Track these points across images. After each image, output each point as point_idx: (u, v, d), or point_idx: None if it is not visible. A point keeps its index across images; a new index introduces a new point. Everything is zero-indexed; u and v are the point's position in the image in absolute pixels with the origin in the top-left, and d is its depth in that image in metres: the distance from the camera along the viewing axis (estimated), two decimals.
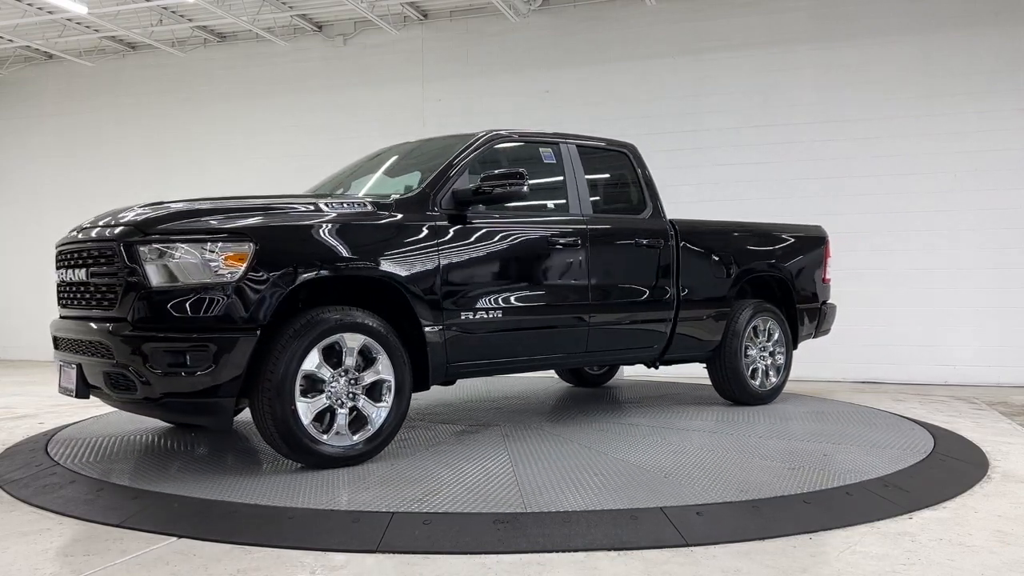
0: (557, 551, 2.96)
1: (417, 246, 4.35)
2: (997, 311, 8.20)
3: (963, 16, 8.36)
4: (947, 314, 8.33)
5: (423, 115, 9.94)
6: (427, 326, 4.35)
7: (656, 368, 6.13)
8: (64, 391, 4.22)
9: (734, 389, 6.09)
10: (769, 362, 6.29)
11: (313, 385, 3.95)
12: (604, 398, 6.61)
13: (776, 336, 6.32)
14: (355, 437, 4.08)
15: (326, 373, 3.97)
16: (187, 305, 3.72)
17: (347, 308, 4.08)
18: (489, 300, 4.64)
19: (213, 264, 3.76)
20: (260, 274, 3.80)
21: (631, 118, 9.22)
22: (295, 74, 10.60)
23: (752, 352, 6.14)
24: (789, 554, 2.95)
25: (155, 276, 3.76)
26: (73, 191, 11.49)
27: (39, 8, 9.41)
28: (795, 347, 6.54)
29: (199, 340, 3.70)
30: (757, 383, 6.19)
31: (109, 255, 3.89)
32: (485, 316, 4.62)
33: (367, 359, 4.11)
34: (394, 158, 5.55)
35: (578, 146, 5.47)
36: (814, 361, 8.62)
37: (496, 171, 4.60)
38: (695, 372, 6.68)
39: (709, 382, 6.31)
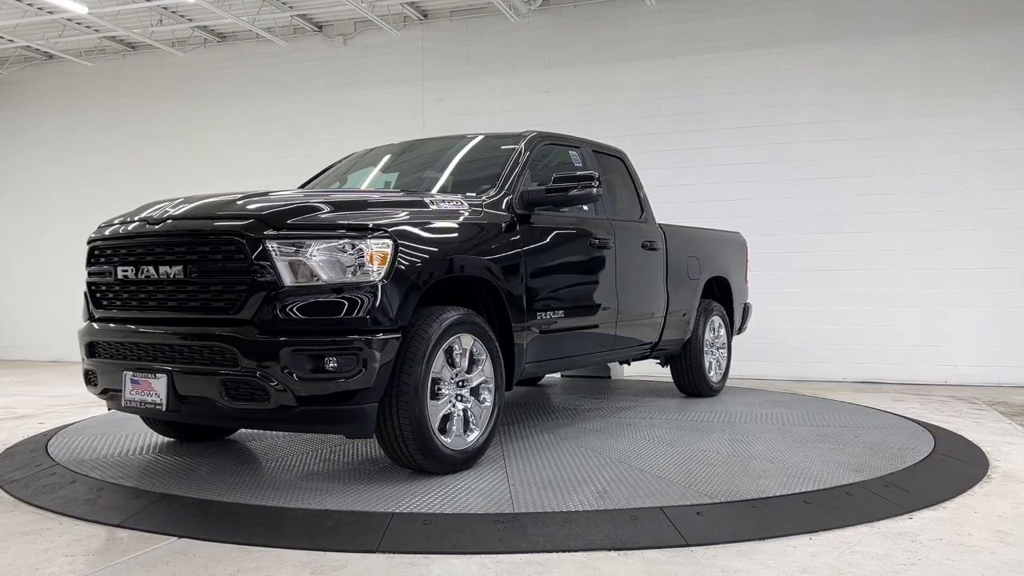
0: (557, 551, 2.96)
1: (507, 247, 4.34)
2: (997, 311, 8.20)
3: (963, 16, 8.36)
4: (947, 314, 8.32)
5: (423, 115, 9.94)
6: (516, 327, 4.34)
7: (629, 364, 6.82)
8: (139, 405, 3.73)
9: (696, 383, 6.48)
10: (716, 357, 6.73)
11: (433, 388, 3.79)
12: (571, 394, 6.62)
13: (722, 333, 6.80)
14: (469, 439, 3.97)
15: (446, 375, 3.87)
16: (328, 306, 3.46)
17: (462, 309, 3.96)
18: (556, 300, 4.72)
19: (356, 262, 3.52)
20: (402, 274, 3.62)
21: (632, 118, 9.22)
22: (295, 74, 10.60)
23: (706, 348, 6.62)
24: (789, 554, 2.95)
25: (288, 274, 3.47)
26: (73, 191, 11.50)
27: (39, 8, 9.41)
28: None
29: (349, 343, 3.44)
30: (712, 376, 6.61)
31: (228, 250, 3.53)
32: (553, 315, 4.70)
33: (470, 361, 4.03)
34: (387, 157, 5.56)
35: (593, 150, 5.63)
36: (814, 361, 8.65)
37: (567, 173, 4.64)
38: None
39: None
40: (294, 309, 3.45)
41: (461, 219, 4.14)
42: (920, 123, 8.42)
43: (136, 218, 3.92)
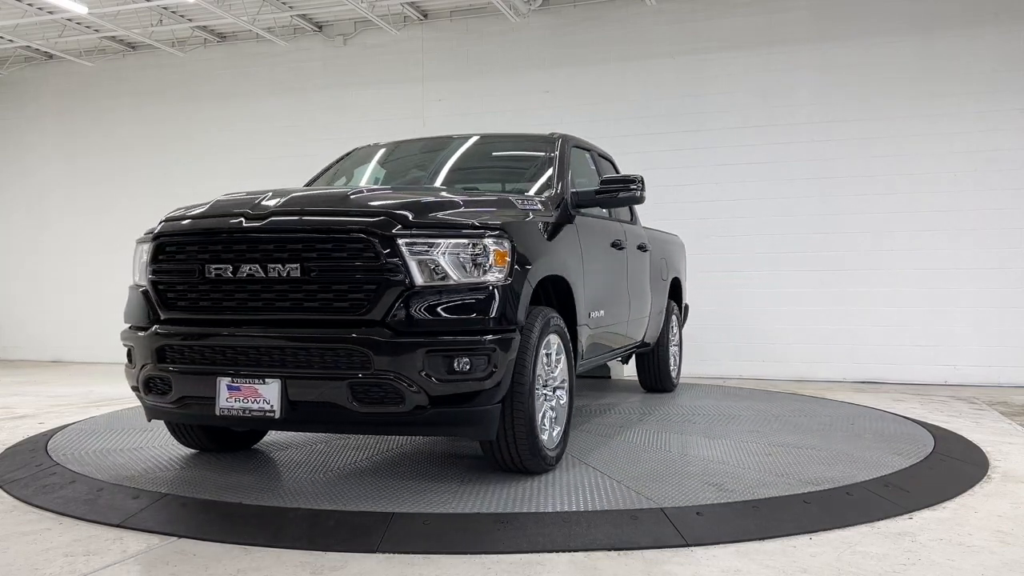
0: (557, 551, 2.96)
1: (573, 246, 4.41)
2: (997, 311, 8.20)
3: (963, 16, 8.36)
4: (947, 314, 8.32)
5: (423, 115, 9.94)
6: (579, 325, 4.38)
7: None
8: (240, 413, 3.47)
9: (661, 379, 6.80)
10: (673, 354, 7.03)
11: None
12: None
13: (676, 331, 7.10)
14: (555, 437, 3.98)
15: (542, 374, 3.87)
16: (460, 306, 3.40)
17: (549, 309, 3.96)
18: (599, 299, 4.78)
19: (483, 262, 3.48)
20: (520, 273, 3.61)
21: (631, 118, 9.22)
22: (295, 74, 10.60)
23: None
24: (789, 554, 2.95)
25: (419, 274, 3.38)
26: (73, 191, 11.50)
27: (39, 8, 9.41)
28: None
29: (483, 343, 3.40)
30: (672, 372, 6.93)
31: (356, 248, 3.39)
32: (600, 314, 4.79)
33: (554, 360, 4.06)
34: (381, 151, 5.57)
35: (598, 153, 5.79)
36: (814, 361, 8.64)
37: (615, 176, 4.75)
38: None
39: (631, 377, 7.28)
40: (427, 309, 3.37)
41: (544, 219, 4.16)
42: (920, 123, 8.42)
43: (225, 212, 3.67)
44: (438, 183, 4.99)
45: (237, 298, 3.53)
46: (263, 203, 3.63)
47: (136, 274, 3.91)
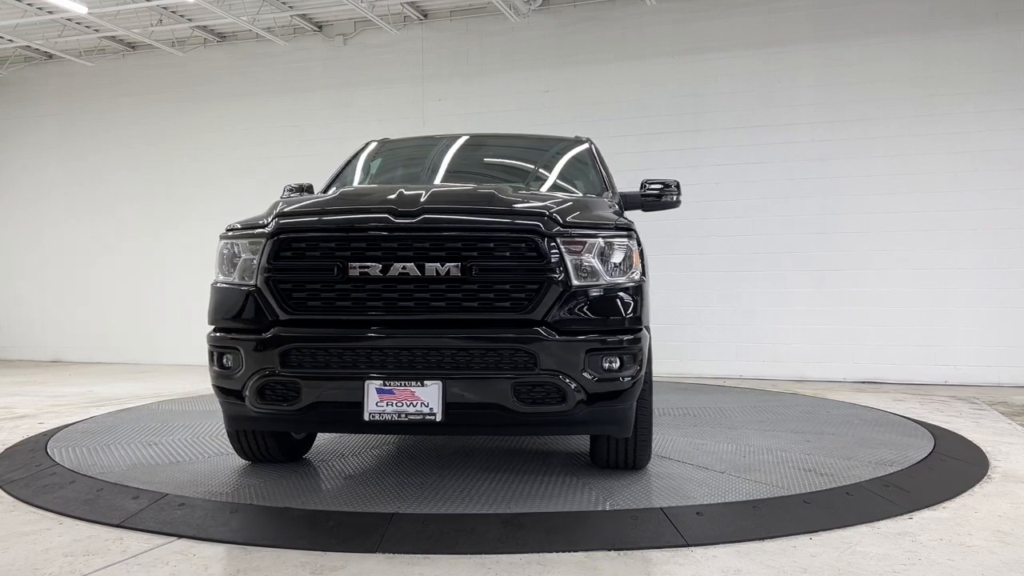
0: (557, 551, 2.96)
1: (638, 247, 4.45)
2: (997, 311, 8.20)
3: (963, 16, 8.36)
4: (947, 314, 8.32)
5: (423, 115, 9.94)
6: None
7: None
8: (395, 418, 3.32)
9: None
10: None
11: None
12: None
13: None
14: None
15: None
16: (611, 304, 3.43)
17: None
18: None
19: (625, 261, 3.51)
20: (646, 272, 3.69)
21: (631, 118, 9.22)
22: (295, 74, 10.60)
23: None
24: (789, 554, 2.95)
25: (575, 273, 3.39)
26: (73, 191, 11.50)
27: (39, 8, 9.42)
28: None
29: (633, 341, 3.43)
30: None
31: (519, 248, 3.37)
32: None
33: None
34: (398, 147, 5.56)
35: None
36: (815, 361, 8.64)
37: (655, 179, 4.80)
38: None
39: None
40: (584, 308, 3.40)
41: (629, 219, 4.17)
42: (920, 123, 8.42)
43: (364, 207, 3.57)
44: (469, 183, 4.82)
45: (385, 298, 3.37)
46: (408, 199, 3.51)
47: (233, 272, 3.59)
